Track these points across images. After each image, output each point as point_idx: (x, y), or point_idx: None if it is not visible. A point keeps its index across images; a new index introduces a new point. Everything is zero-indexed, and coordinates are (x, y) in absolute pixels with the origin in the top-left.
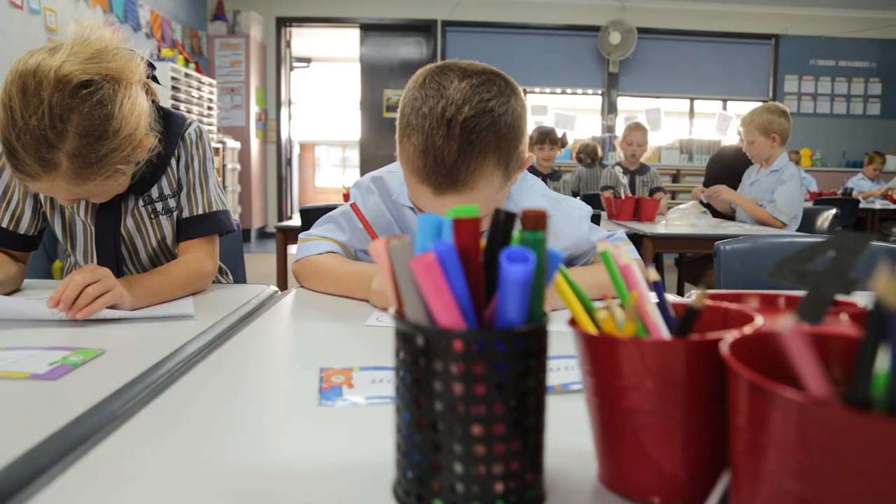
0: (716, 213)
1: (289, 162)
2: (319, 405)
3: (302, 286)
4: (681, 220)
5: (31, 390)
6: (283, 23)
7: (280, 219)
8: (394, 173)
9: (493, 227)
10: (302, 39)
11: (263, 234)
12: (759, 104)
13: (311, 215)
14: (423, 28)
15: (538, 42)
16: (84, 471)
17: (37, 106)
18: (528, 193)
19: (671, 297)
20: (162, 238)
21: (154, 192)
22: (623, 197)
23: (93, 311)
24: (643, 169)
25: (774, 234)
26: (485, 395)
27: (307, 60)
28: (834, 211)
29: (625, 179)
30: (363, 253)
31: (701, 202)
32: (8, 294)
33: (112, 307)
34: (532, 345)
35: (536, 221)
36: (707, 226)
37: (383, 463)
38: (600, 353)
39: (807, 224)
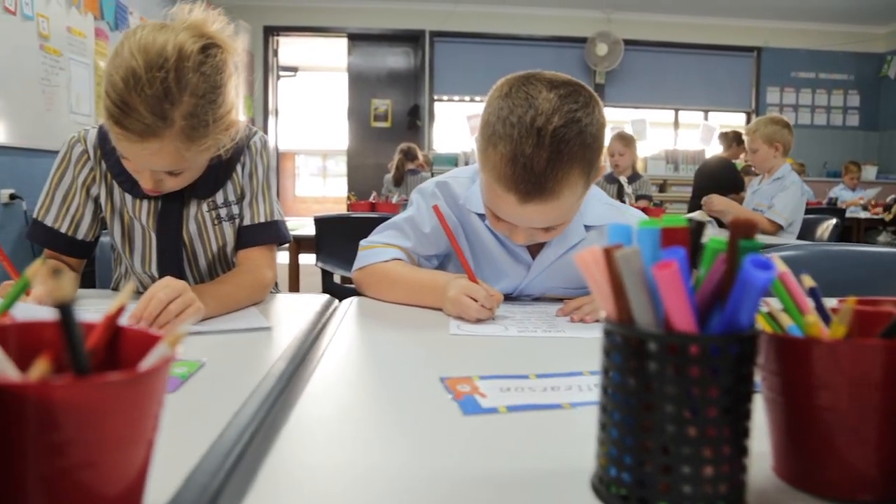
0: (721, 224)
1: (275, 171)
2: (462, 415)
3: (364, 295)
4: None
5: None
6: (270, 32)
7: None
8: (459, 178)
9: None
10: (289, 48)
11: None
12: (743, 115)
13: (325, 225)
14: (411, 38)
15: (526, 53)
16: (267, 483)
17: (164, 61)
18: (591, 202)
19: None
20: (222, 245)
21: (219, 197)
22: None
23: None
24: (633, 177)
25: (827, 245)
26: (716, 398)
27: (294, 69)
28: (834, 221)
29: (630, 189)
30: (425, 260)
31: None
32: None
33: None
34: (755, 348)
35: (748, 230)
36: (713, 235)
37: (563, 467)
38: (797, 354)
39: (808, 234)
